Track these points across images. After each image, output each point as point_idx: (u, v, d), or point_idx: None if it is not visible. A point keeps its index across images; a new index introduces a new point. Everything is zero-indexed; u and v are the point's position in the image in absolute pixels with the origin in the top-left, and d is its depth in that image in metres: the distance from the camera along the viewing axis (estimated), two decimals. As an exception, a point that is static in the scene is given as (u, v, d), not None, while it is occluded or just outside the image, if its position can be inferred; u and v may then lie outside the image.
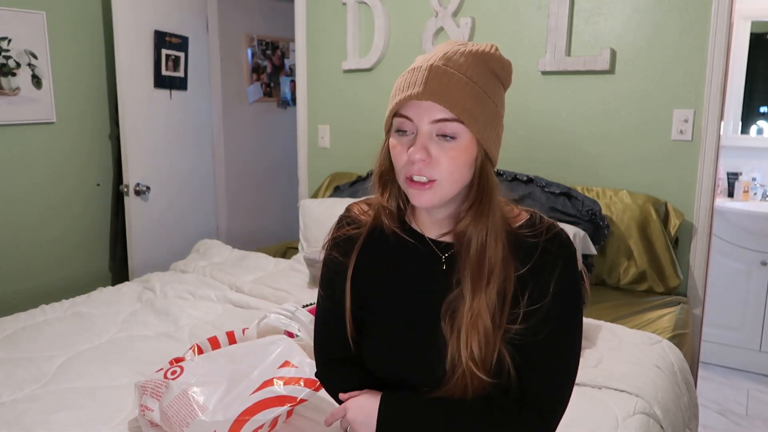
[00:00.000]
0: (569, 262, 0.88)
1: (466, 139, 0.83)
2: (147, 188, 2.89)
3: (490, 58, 0.86)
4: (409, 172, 0.84)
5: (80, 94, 2.88)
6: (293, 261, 2.62)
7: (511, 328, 0.87)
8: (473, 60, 0.84)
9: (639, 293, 2.22)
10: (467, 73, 0.83)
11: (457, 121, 0.82)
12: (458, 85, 0.81)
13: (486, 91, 0.84)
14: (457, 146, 0.83)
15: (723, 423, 2.57)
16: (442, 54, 0.85)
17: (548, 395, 0.88)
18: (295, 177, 3.23)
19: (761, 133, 3.32)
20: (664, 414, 1.47)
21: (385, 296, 0.97)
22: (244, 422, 1.21)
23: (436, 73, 0.82)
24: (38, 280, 2.80)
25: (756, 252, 2.91)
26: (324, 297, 1.03)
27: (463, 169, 0.84)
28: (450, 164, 0.83)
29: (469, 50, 0.85)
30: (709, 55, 2.11)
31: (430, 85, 0.81)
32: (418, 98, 0.82)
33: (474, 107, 0.82)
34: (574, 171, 2.40)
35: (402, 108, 0.84)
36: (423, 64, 0.84)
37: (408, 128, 0.84)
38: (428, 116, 0.82)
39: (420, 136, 0.83)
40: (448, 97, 0.81)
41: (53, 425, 1.33)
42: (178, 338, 1.84)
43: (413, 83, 0.83)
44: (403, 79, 0.85)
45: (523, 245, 0.88)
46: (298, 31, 3.03)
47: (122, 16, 2.72)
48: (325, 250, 1.02)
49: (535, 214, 0.92)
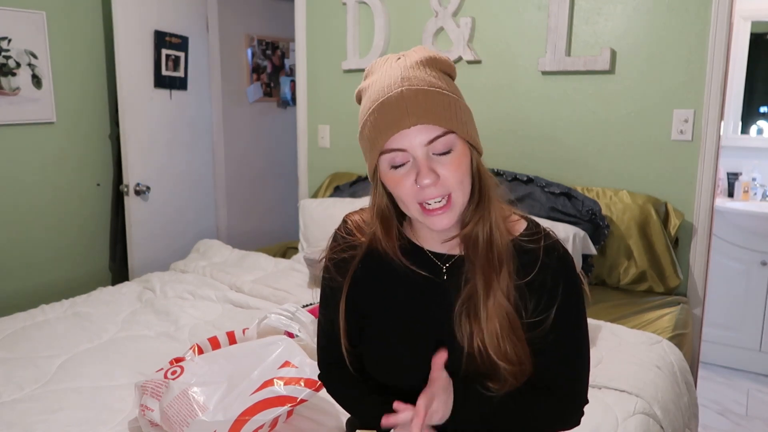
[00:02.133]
0: (569, 274, 0.90)
1: (460, 147, 0.83)
2: (147, 188, 2.89)
3: (435, 61, 0.87)
4: (421, 199, 0.83)
5: (80, 94, 2.88)
6: (293, 261, 2.62)
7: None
8: (425, 68, 0.84)
9: (639, 293, 2.22)
10: (432, 83, 0.83)
11: (448, 133, 0.82)
12: (434, 99, 0.81)
13: (452, 91, 0.85)
14: (455, 156, 0.83)
15: (723, 423, 2.57)
16: (397, 78, 0.82)
17: (570, 389, 0.93)
18: (295, 177, 3.23)
19: (761, 133, 3.32)
20: (664, 414, 1.47)
21: (384, 309, 0.97)
22: (245, 422, 1.21)
23: (409, 97, 0.80)
24: (38, 280, 2.80)
25: (756, 252, 2.91)
26: (322, 312, 1.04)
27: (466, 175, 0.85)
28: (456, 176, 0.83)
29: (414, 62, 0.85)
30: (709, 55, 2.11)
31: (412, 109, 0.80)
32: (411, 125, 0.80)
33: (455, 112, 0.83)
34: (574, 171, 2.40)
35: (389, 144, 0.82)
36: (391, 94, 0.81)
37: (402, 160, 0.83)
38: (420, 140, 0.81)
39: (419, 161, 0.82)
40: (432, 114, 0.80)
41: (53, 425, 1.33)
42: (178, 338, 1.84)
43: (396, 118, 0.80)
44: (378, 117, 0.82)
45: (521, 257, 0.89)
46: (298, 31, 3.03)
47: (122, 16, 2.72)
48: (322, 269, 1.03)
49: (531, 223, 0.94)
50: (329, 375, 1.06)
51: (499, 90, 2.52)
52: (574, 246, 2.06)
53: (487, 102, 2.54)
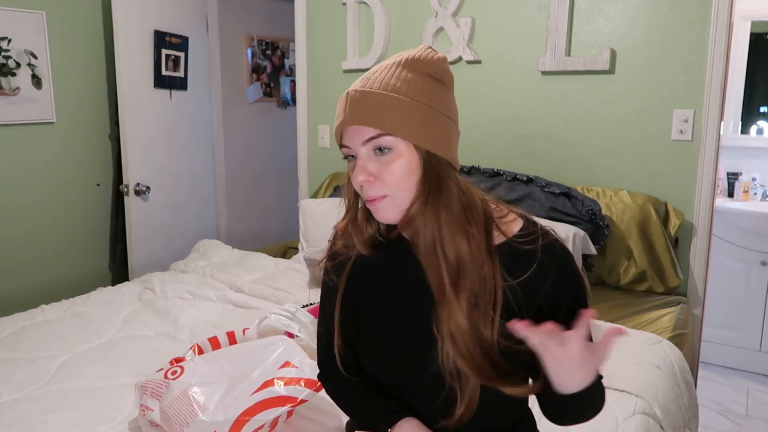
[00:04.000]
0: (571, 274, 0.89)
1: (401, 147, 0.85)
2: (147, 188, 2.89)
3: (419, 63, 0.87)
4: (362, 195, 0.89)
5: (80, 94, 2.88)
6: (293, 261, 2.62)
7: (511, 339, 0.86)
8: (396, 71, 0.86)
9: (639, 293, 2.22)
10: (387, 87, 0.84)
11: (384, 135, 0.84)
12: (375, 103, 0.84)
13: (412, 96, 0.84)
14: (394, 156, 0.84)
15: (723, 423, 2.57)
16: (363, 77, 0.88)
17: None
18: (295, 177, 3.23)
19: (761, 133, 3.32)
20: (664, 414, 1.47)
21: (379, 305, 0.98)
22: (245, 422, 1.21)
23: (353, 98, 0.85)
24: (38, 280, 2.80)
25: (756, 252, 2.91)
26: (321, 314, 1.05)
27: (407, 176, 0.85)
28: (392, 176, 0.85)
29: (395, 62, 0.88)
30: (709, 55, 2.11)
31: (351, 110, 0.85)
32: (345, 126, 0.86)
33: (395, 116, 0.83)
34: (574, 171, 2.40)
35: (342, 138, 0.88)
36: (344, 94, 0.88)
37: (351, 153, 0.88)
38: (359, 138, 0.85)
39: (359, 159, 0.87)
40: (368, 117, 0.84)
41: (53, 425, 1.33)
42: (178, 338, 1.84)
43: (339, 113, 0.87)
44: (337, 109, 0.89)
45: (514, 259, 0.88)
46: (298, 31, 3.03)
47: (122, 16, 2.72)
48: (321, 271, 1.05)
49: (529, 221, 0.92)
50: (329, 376, 1.06)
51: (499, 90, 2.52)
52: (574, 246, 2.06)
53: (486, 102, 2.54)
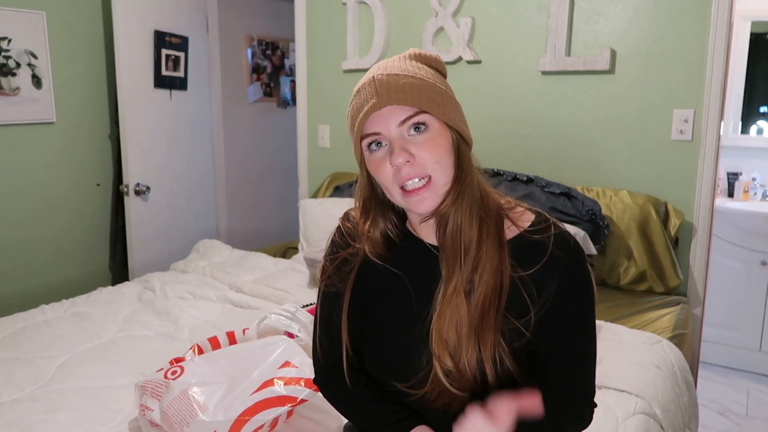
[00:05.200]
0: (580, 267, 0.88)
1: (437, 126, 0.85)
2: (147, 188, 2.89)
3: (421, 57, 0.91)
4: (400, 182, 0.85)
5: (80, 94, 2.88)
6: (293, 261, 2.62)
7: (519, 337, 0.87)
8: (407, 61, 0.89)
9: (639, 293, 2.22)
10: (409, 71, 0.86)
11: (421, 113, 0.84)
12: (406, 82, 0.84)
13: (431, 80, 0.87)
14: (431, 134, 0.84)
15: (723, 423, 2.57)
16: (378, 66, 0.89)
17: (582, 389, 0.91)
18: (295, 177, 3.23)
19: (761, 133, 3.32)
20: (664, 414, 1.47)
21: (385, 307, 0.97)
22: (245, 422, 1.21)
23: (382, 81, 0.85)
24: (38, 280, 2.80)
25: (756, 252, 2.91)
26: (321, 317, 1.04)
27: (446, 155, 0.85)
28: (432, 153, 0.84)
29: (399, 57, 0.91)
30: (709, 55, 2.11)
31: (382, 92, 0.84)
32: (377, 108, 0.83)
33: (428, 94, 0.85)
34: (574, 171, 2.40)
35: (366, 128, 0.85)
36: (365, 81, 0.87)
37: (380, 140, 0.86)
38: (393, 120, 0.84)
39: (394, 142, 0.84)
40: (402, 96, 0.83)
41: (53, 425, 1.33)
42: (178, 338, 1.84)
43: (366, 100, 0.85)
44: (354, 104, 0.88)
45: (528, 249, 0.88)
46: (298, 31, 3.03)
47: (122, 16, 2.72)
48: (322, 276, 1.03)
49: (541, 215, 0.92)
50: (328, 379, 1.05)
51: (499, 90, 2.52)
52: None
53: (487, 102, 2.54)
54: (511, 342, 0.87)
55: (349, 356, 0.99)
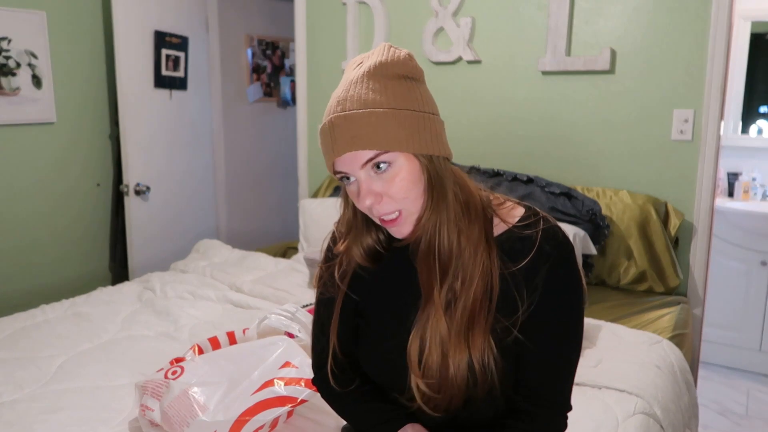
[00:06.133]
0: (567, 262, 0.88)
1: (401, 160, 0.83)
2: (147, 188, 2.89)
3: (385, 67, 0.84)
4: (375, 215, 0.87)
5: (80, 94, 2.88)
6: (293, 261, 2.62)
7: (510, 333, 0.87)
8: (367, 83, 0.83)
9: (639, 293, 2.22)
10: (367, 104, 0.82)
11: (381, 153, 0.82)
12: (362, 124, 0.81)
13: (392, 105, 0.82)
14: (395, 169, 0.83)
15: (723, 423, 2.57)
16: (336, 100, 0.85)
17: (557, 396, 0.90)
18: (295, 177, 3.23)
19: (761, 133, 3.32)
20: (664, 414, 1.47)
21: (377, 309, 0.98)
22: (245, 422, 1.21)
23: (338, 125, 0.82)
24: (38, 280, 2.80)
25: (756, 252, 2.91)
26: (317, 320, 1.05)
27: (413, 187, 0.85)
28: (400, 190, 0.84)
29: (362, 73, 0.84)
30: (709, 55, 2.11)
31: (338, 140, 0.83)
32: (338, 156, 0.83)
33: (387, 131, 0.81)
34: (574, 171, 2.40)
35: (334, 166, 0.86)
36: (325, 121, 0.85)
37: (349, 176, 0.86)
38: (356, 163, 0.83)
39: (361, 183, 0.85)
40: (359, 141, 0.81)
41: (53, 425, 1.33)
42: (178, 338, 1.84)
43: (327, 147, 0.85)
44: (321, 140, 0.87)
45: (516, 245, 0.88)
46: (298, 31, 3.03)
47: (122, 16, 2.72)
48: (318, 283, 1.04)
49: (531, 209, 0.92)
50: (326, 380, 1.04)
51: (499, 90, 2.52)
52: (575, 246, 2.05)
53: (487, 102, 2.54)
54: (502, 339, 0.87)
55: (338, 358, 1.00)
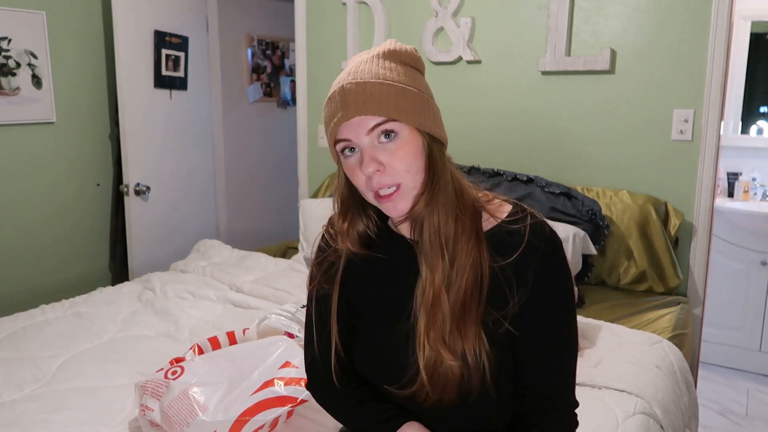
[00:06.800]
0: (555, 255, 0.89)
1: (406, 132, 0.85)
2: (147, 188, 2.89)
3: (395, 54, 0.89)
4: (372, 188, 0.87)
5: (80, 94, 2.88)
6: (293, 261, 2.62)
7: (502, 326, 0.87)
8: (378, 62, 0.87)
9: (639, 293, 2.22)
10: (377, 75, 0.85)
11: (389, 121, 0.84)
12: (374, 91, 0.84)
13: (402, 81, 0.86)
14: (400, 141, 0.85)
15: (723, 423, 2.57)
16: (347, 73, 0.88)
17: (561, 392, 0.91)
18: (295, 177, 3.23)
19: (761, 133, 3.32)
20: (664, 414, 1.47)
21: (372, 305, 0.98)
22: (245, 422, 1.21)
23: (349, 90, 0.84)
24: (38, 280, 2.80)
25: (756, 252, 2.91)
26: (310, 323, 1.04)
27: (415, 161, 0.86)
28: (402, 161, 0.85)
29: (372, 56, 0.89)
30: (709, 55, 2.11)
31: (350, 103, 0.84)
32: (346, 119, 0.84)
33: (397, 100, 0.84)
34: (574, 171, 2.40)
35: (338, 134, 0.87)
36: (336, 89, 0.87)
37: (352, 146, 0.87)
38: (362, 129, 0.84)
39: (364, 150, 0.85)
40: (369, 106, 0.83)
41: (53, 425, 1.33)
42: (178, 338, 1.84)
43: (335, 111, 0.86)
44: (326, 112, 0.88)
45: (505, 239, 0.89)
46: (298, 31, 3.03)
47: (122, 16, 2.72)
48: (311, 282, 1.04)
49: (518, 206, 0.93)
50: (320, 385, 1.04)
51: (499, 90, 2.52)
52: (574, 246, 2.06)
53: (487, 102, 2.54)
54: (494, 332, 0.87)
55: (340, 355, 0.99)
